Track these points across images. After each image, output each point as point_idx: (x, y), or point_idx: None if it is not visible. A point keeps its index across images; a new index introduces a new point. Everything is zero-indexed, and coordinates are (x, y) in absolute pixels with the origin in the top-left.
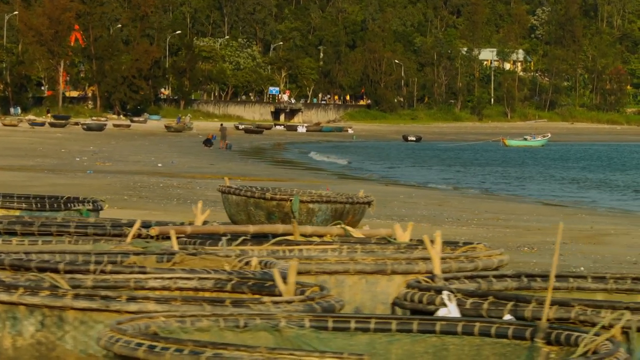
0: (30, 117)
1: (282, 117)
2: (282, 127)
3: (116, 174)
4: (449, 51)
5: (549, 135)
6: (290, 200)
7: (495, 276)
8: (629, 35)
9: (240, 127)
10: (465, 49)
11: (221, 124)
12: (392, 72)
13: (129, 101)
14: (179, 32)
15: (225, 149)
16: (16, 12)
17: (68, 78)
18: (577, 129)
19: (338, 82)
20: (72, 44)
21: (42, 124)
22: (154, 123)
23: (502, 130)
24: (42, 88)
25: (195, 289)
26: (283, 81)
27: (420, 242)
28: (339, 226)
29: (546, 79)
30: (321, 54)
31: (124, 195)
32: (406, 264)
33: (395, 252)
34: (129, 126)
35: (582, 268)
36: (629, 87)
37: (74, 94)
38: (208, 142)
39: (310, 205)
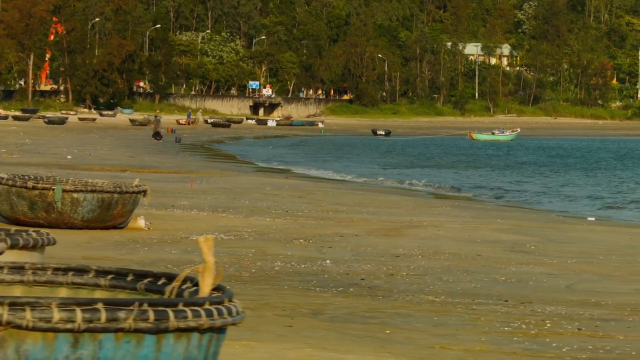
0: None
1: (261, 111)
2: (252, 121)
3: (11, 165)
4: (434, 46)
5: (519, 129)
6: (53, 189)
7: None
8: (616, 30)
9: (209, 120)
10: (450, 43)
11: (155, 115)
12: (375, 66)
13: (101, 95)
14: (158, 25)
15: (175, 141)
16: None
17: (49, 72)
18: (558, 123)
19: (319, 76)
20: (51, 37)
21: (6, 117)
22: (124, 117)
23: (484, 125)
24: (21, 82)
25: None
26: (263, 75)
27: None
28: None
29: (531, 73)
30: (304, 49)
31: None
32: None
33: None
34: (94, 120)
35: (328, 261)
36: (614, 81)
37: (48, 88)
38: (157, 135)
39: (75, 195)
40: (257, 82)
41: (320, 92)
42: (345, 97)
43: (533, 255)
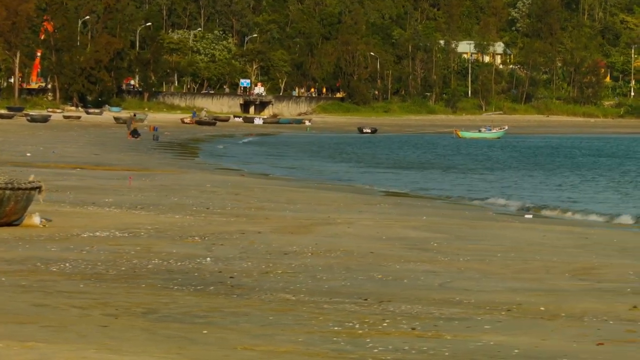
0: None
1: (252, 109)
2: (239, 119)
3: None
4: (427, 44)
5: (506, 127)
6: None
7: None
8: (610, 28)
9: (195, 118)
10: (443, 41)
11: (133, 114)
12: (367, 64)
13: (88, 93)
14: (149, 24)
15: (152, 139)
16: None
17: (39, 70)
18: (549, 121)
19: (310, 74)
20: (42, 35)
21: None
22: (110, 115)
23: (475, 124)
24: (10, 80)
25: None
26: (254, 73)
27: None
28: None
29: (524, 71)
30: (296, 47)
31: None
32: None
33: None
34: (79, 118)
35: (208, 259)
36: (608, 79)
37: (38, 86)
38: (135, 133)
39: None
40: (248, 80)
41: (312, 90)
42: (338, 95)
43: (429, 252)
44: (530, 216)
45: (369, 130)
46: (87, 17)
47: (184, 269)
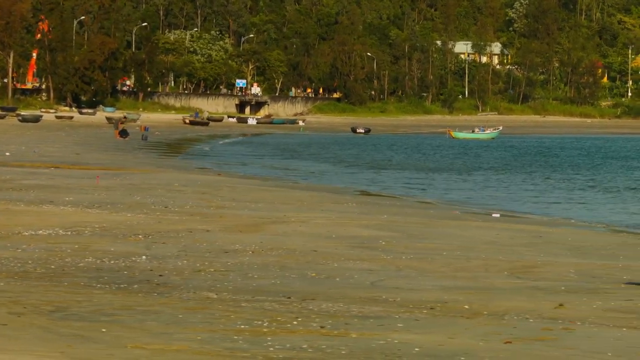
0: None
1: (247, 110)
2: (233, 120)
3: None
4: (424, 44)
5: (501, 128)
6: None
7: None
8: (608, 29)
9: (188, 118)
10: (440, 41)
11: (124, 116)
12: (364, 65)
13: (82, 93)
14: (144, 24)
15: (141, 139)
16: None
17: (35, 70)
18: (545, 122)
19: (307, 75)
20: (38, 36)
21: None
22: (104, 115)
23: (471, 124)
24: (5, 80)
25: None
26: (250, 74)
27: None
28: None
29: (521, 72)
30: (294, 47)
31: None
32: None
33: None
34: (71, 118)
35: (144, 257)
36: (605, 80)
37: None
38: (124, 133)
39: None
40: (244, 81)
41: (309, 90)
42: (335, 95)
43: (374, 251)
44: (498, 215)
45: (362, 131)
46: (83, 17)
47: (114, 267)
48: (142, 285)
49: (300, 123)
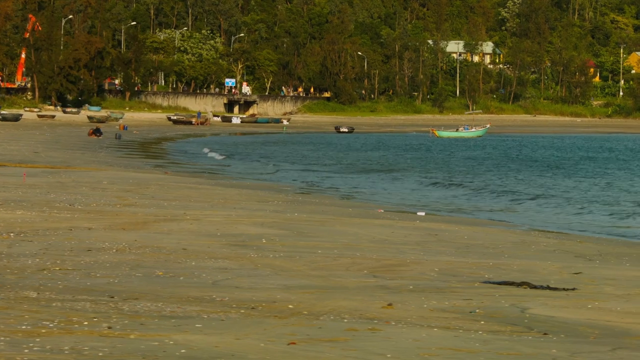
0: None
1: (236, 109)
2: (217, 118)
3: None
4: (416, 44)
5: (488, 125)
6: None
7: None
8: (601, 28)
9: (172, 117)
10: (431, 41)
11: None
12: (354, 64)
13: (67, 92)
14: (134, 23)
15: (115, 137)
16: None
17: (24, 69)
18: (535, 121)
19: (296, 74)
20: (26, 34)
21: None
22: (89, 114)
23: (460, 123)
24: None
25: None
26: (240, 73)
27: None
28: None
29: (513, 71)
30: (284, 46)
31: None
32: None
33: None
34: (53, 117)
35: None
36: (597, 79)
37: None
38: (97, 131)
39: None
40: (234, 80)
41: (300, 90)
42: (326, 94)
43: (246, 249)
44: (423, 214)
45: (345, 130)
46: (70, 16)
47: None
48: None
49: (285, 122)
